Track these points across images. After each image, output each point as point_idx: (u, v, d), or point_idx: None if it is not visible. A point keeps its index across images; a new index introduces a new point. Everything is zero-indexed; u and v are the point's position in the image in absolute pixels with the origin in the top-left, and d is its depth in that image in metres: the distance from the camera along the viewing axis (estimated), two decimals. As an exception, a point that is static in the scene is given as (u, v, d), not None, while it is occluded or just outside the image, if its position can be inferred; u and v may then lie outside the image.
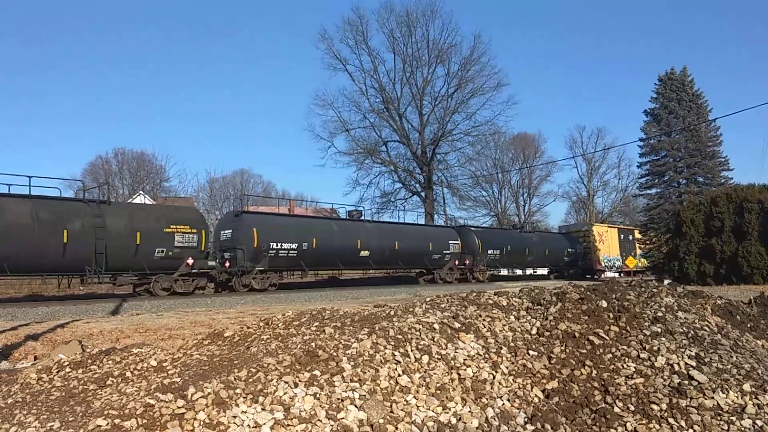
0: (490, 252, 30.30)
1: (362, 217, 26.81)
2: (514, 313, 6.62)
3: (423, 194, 45.54)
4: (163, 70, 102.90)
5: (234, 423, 3.82)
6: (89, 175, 55.35)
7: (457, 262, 28.53)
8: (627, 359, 5.43)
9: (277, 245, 20.85)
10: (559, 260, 36.55)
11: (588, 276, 38.41)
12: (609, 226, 44.29)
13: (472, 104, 45.01)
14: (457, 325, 5.96)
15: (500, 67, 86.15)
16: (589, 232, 40.34)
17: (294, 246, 21.40)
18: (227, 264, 19.95)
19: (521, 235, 34.65)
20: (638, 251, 43.41)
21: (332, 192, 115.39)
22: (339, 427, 4.01)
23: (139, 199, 42.04)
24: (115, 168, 55.76)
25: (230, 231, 20.84)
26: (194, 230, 18.75)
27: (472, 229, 32.11)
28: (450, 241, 28.64)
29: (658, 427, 4.54)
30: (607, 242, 40.53)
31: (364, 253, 24.27)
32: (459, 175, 47.32)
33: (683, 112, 37.47)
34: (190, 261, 18.36)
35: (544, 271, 40.37)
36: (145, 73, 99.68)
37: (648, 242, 38.20)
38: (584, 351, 5.62)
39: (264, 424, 3.86)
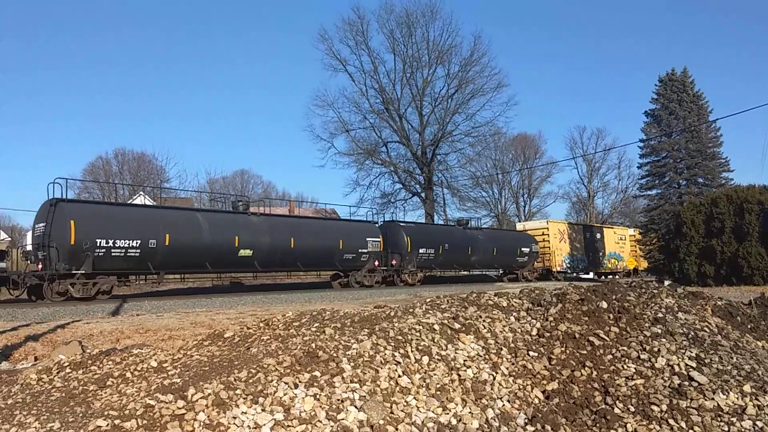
0: (422, 251, 26.37)
1: (249, 210, 21.54)
2: (514, 314, 6.62)
3: (423, 195, 45.61)
4: (163, 70, 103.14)
5: (234, 424, 3.81)
6: (89, 176, 55.50)
7: (377, 263, 24.49)
8: (627, 360, 5.43)
9: (107, 242, 16.29)
10: (512, 261, 32.64)
11: (586, 278, 36.55)
12: (571, 224, 39.59)
13: (473, 105, 45.13)
14: (457, 325, 5.96)
15: (500, 67, 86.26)
16: (546, 230, 35.91)
17: (135, 243, 16.84)
18: (40, 266, 15.91)
19: (464, 233, 30.37)
20: (607, 251, 39.83)
21: (333, 193, 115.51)
22: (339, 428, 4.01)
23: (140, 199, 42.04)
24: (116, 168, 55.88)
25: (44, 225, 16.25)
26: None
27: (402, 224, 28.00)
28: (368, 239, 24.36)
29: (658, 428, 4.53)
30: (569, 241, 36.33)
31: (246, 252, 19.53)
32: (459, 176, 47.46)
33: (684, 112, 37.49)
34: None
35: (494, 272, 36.84)
36: (145, 73, 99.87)
37: (648, 243, 38.01)
38: (584, 352, 5.62)
39: (264, 424, 3.86)
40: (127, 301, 15.96)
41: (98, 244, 16.24)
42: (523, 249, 33.02)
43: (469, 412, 4.60)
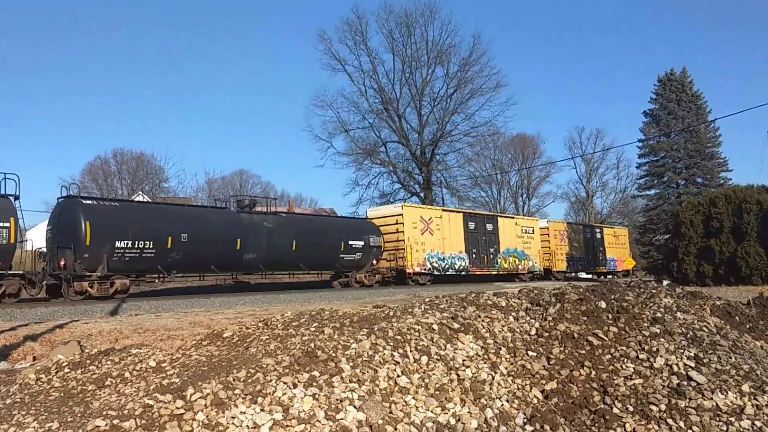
0: (122, 244, 16.24)
1: None
2: (513, 313, 6.62)
3: (422, 195, 45.63)
4: (162, 70, 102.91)
5: (233, 423, 3.81)
6: (88, 176, 55.47)
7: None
8: (626, 360, 5.43)
9: None
10: (332, 259, 22.51)
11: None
12: (444, 210, 29.14)
13: (471, 105, 45.25)
14: (456, 325, 5.96)
15: (499, 67, 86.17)
16: (400, 217, 25.44)
17: None
18: None
19: (232, 217, 19.84)
20: (503, 247, 30.28)
21: (332, 193, 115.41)
22: (338, 428, 4.01)
23: (139, 199, 42.00)
24: (114, 168, 55.84)
25: None
26: None
27: (85, 200, 16.99)
28: None
29: (657, 427, 4.54)
30: (439, 233, 26.77)
31: None
32: (458, 176, 47.55)
33: (682, 112, 37.55)
34: None
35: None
36: (144, 73, 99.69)
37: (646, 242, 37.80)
38: (583, 352, 5.62)
39: (263, 424, 3.85)
40: (126, 301, 15.95)
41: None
42: (352, 243, 22.80)
43: (468, 412, 4.60)
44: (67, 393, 4.91)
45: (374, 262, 24.42)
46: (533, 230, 33.46)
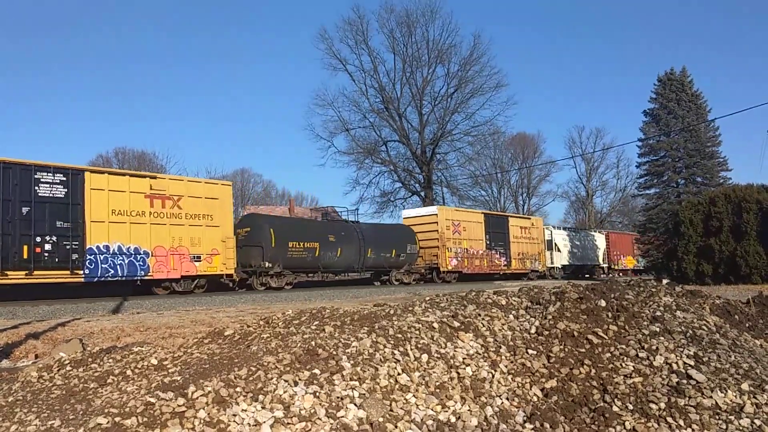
0: None
1: None
2: (513, 312, 6.63)
3: (423, 194, 45.62)
4: (163, 69, 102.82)
5: (234, 421, 3.83)
6: (89, 174, 55.32)
7: None
8: (625, 358, 5.45)
9: None
10: None
11: None
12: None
13: (472, 104, 45.22)
14: (456, 324, 5.97)
15: (500, 67, 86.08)
16: None
17: None
18: None
19: None
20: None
21: (332, 192, 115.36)
22: (339, 426, 4.02)
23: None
24: (116, 167, 55.77)
25: None
26: None
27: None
28: None
29: (656, 426, 4.55)
30: None
31: None
32: (458, 175, 47.51)
33: (682, 112, 37.50)
34: None
35: None
36: (145, 73, 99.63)
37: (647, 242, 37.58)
38: (583, 350, 5.63)
39: (264, 422, 3.87)
40: (128, 299, 15.97)
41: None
42: None
43: (468, 410, 4.62)
44: (69, 391, 4.92)
45: None
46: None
